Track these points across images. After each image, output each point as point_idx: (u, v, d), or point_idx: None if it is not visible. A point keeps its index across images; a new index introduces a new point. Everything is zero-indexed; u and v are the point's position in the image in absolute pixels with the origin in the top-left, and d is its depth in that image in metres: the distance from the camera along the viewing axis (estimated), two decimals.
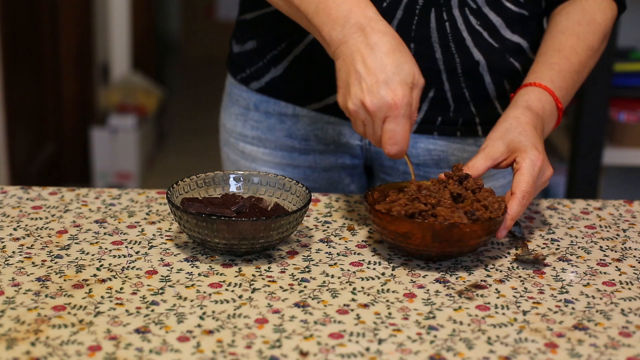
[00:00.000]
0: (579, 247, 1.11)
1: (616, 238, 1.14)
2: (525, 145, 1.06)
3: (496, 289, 0.99)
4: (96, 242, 1.07)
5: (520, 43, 1.24)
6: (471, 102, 1.24)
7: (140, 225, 1.12)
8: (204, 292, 0.95)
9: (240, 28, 1.34)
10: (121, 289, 0.95)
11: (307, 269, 1.02)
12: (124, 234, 1.10)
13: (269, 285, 0.97)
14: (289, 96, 1.28)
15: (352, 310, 0.93)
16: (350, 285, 0.98)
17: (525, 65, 1.25)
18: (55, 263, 1.01)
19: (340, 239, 1.10)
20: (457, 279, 1.01)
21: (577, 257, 1.08)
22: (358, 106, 1.01)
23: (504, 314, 0.93)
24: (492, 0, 1.19)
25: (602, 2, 1.20)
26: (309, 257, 1.05)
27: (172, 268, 1.01)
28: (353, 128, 1.08)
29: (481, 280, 1.01)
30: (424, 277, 1.01)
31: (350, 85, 1.02)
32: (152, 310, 0.91)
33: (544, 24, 1.27)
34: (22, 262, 1.01)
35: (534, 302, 0.96)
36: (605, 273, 1.04)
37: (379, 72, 1.00)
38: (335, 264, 1.03)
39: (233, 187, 1.13)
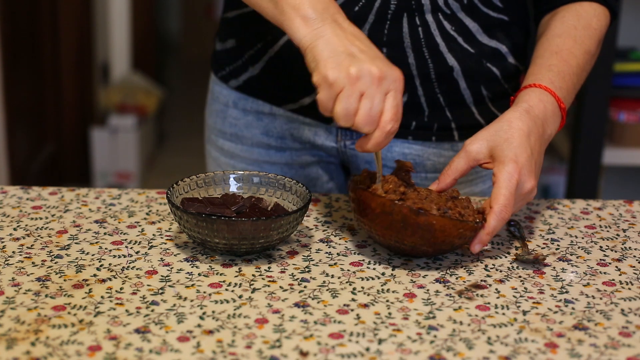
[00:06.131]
0: (579, 247, 1.11)
1: (616, 238, 1.14)
2: (504, 157, 1.04)
3: (496, 289, 0.99)
4: (96, 242, 1.07)
5: (499, 48, 1.22)
6: (446, 108, 1.23)
7: (140, 225, 1.12)
8: (204, 292, 0.95)
9: (223, 26, 1.34)
10: (121, 289, 0.95)
11: (307, 269, 1.02)
12: (124, 234, 1.10)
13: (269, 285, 0.97)
14: (266, 95, 1.29)
15: (352, 310, 0.93)
16: (350, 285, 0.98)
17: (504, 71, 1.24)
18: (55, 263, 1.01)
19: (340, 239, 1.10)
20: (457, 279, 1.01)
21: (577, 257, 1.08)
22: (364, 72, 0.96)
23: (504, 314, 0.93)
24: (468, 5, 1.18)
25: (597, 8, 1.19)
26: (309, 257, 1.05)
27: (172, 268, 1.01)
28: (325, 104, 0.98)
29: (481, 280, 1.01)
30: (424, 277, 1.01)
31: (347, 55, 0.97)
32: (152, 310, 0.91)
33: (533, 29, 1.26)
34: (22, 262, 1.01)
35: (534, 302, 0.96)
36: (605, 273, 1.04)
37: (371, 51, 0.99)
38: (335, 264, 1.03)
39: (233, 187, 1.13)
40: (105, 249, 1.05)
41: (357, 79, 0.96)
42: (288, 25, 1.02)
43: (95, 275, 0.98)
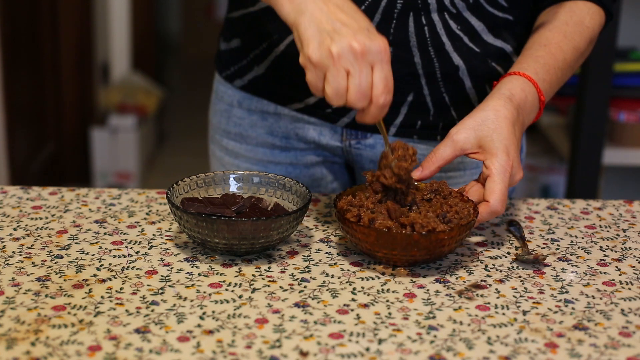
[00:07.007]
0: (579, 247, 1.11)
1: (616, 238, 1.14)
2: (496, 148, 1.05)
3: (496, 289, 0.99)
4: (96, 242, 1.07)
5: (504, 48, 1.23)
6: (452, 107, 1.23)
7: (140, 225, 1.12)
8: (204, 292, 0.95)
9: (227, 25, 1.34)
10: (121, 289, 0.95)
11: (307, 269, 1.02)
12: (124, 234, 1.10)
13: (269, 285, 0.97)
14: (271, 95, 1.29)
15: (352, 310, 0.93)
16: (350, 285, 0.98)
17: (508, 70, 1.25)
18: (55, 263, 1.01)
19: (340, 238, 1.10)
20: (457, 279, 1.01)
21: (577, 257, 1.08)
22: (344, 49, 0.95)
23: (504, 314, 0.93)
24: (474, 5, 1.18)
25: (592, 7, 1.19)
26: (309, 257, 1.05)
27: (172, 268, 1.01)
28: (315, 85, 0.97)
29: (481, 280, 1.01)
30: (424, 277, 1.01)
31: (329, 32, 0.96)
32: (152, 310, 0.91)
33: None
34: (22, 262, 1.01)
35: (534, 302, 0.96)
36: (605, 273, 1.04)
37: (355, 23, 0.98)
38: (335, 264, 1.03)
39: (233, 187, 1.13)
40: (105, 249, 1.05)
41: (339, 58, 0.95)
42: (274, 2, 1.02)
43: (95, 275, 0.98)
